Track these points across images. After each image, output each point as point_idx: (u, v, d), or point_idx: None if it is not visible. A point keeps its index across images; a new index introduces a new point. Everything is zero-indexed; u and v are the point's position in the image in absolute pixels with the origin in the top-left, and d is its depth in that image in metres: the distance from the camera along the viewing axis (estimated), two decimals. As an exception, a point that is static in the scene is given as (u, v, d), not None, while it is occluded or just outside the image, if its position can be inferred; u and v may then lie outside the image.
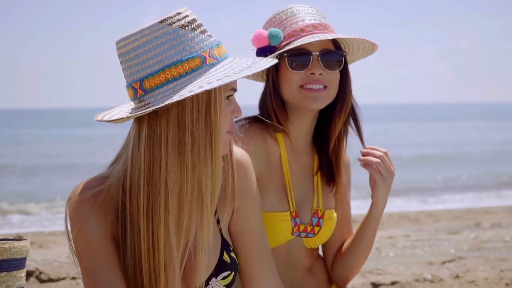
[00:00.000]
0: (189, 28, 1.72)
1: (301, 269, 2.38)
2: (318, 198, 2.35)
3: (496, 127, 44.38)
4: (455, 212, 10.01)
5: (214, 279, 1.87)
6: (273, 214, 2.26)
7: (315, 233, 2.33)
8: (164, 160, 1.70)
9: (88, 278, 1.77)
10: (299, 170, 2.35)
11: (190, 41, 1.71)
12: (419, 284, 4.52)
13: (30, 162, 20.47)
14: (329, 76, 2.24)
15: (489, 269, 5.07)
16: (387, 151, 2.29)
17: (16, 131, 41.15)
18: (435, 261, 5.55)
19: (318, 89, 2.23)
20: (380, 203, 2.29)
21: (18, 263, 2.28)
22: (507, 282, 4.54)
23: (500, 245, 6.33)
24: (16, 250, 2.25)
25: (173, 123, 1.69)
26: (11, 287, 2.24)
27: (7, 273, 2.23)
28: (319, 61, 2.22)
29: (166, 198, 1.71)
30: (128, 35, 1.74)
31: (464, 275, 4.77)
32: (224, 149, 1.80)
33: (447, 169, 18.28)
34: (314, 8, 2.33)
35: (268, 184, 2.27)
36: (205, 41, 1.73)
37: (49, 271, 4.78)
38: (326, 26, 2.29)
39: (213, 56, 1.73)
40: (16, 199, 13.05)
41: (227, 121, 1.76)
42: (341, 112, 2.29)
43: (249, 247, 1.96)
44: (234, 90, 1.77)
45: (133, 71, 1.73)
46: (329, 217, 2.36)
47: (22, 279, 2.28)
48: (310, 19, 2.27)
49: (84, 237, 1.76)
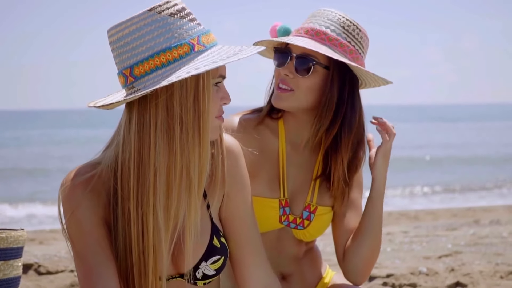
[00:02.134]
0: (178, 16, 1.76)
1: (290, 256, 2.41)
2: (313, 194, 2.37)
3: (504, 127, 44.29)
4: (454, 210, 10.04)
5: (204, 263, 1.90)
6: (261, 199, 2.30)
7: (304, 226, 2.35)
8: (153, 145, 1.74)
9: (79, 262, 1.81)
10: (299, 163, 2.38)
11: (179, 28, 1.76)
12: (414, 277, 4.55)
13: (32, 163, 20.53)
14: (297, 80, 2.25)
15: (484, 263, 5.09)
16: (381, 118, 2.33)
17: (17, 132, 41.19)
18: (432, 255, 5.57)
19: (284, 89, 2.26)
20: (380, 174, 2.28)
21: (15, 252, 2.32)
22: (501, 275, 4.56)
23: (498, 240, 6.35)
24: (13, 239, 2.29)
25: (162, 109, 1.74)
26: (7, 275, 2.28)
27: (4, 261, 2.27)
28: (293, 63, 2.25)
29: (154, 182, 1.75)
30: (118, 23, 1.78)
31: (459, 268, 4.79)
32: (214, 135, 1.85)
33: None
34: (341, 16, 2.30)
35: (261, 170, 2.32)
36: (194, 29, 1.78)
37: (48, 264, 4.83)
38: (328, 36, 2.25)
39: (201, 43, 1.77)
40: (19, 199, 13.13)
41: (216, 107, 1.80)
42: (316, 116, 2.28)
43: (239, 233, 1.99)
44: (223, 77, 1.81)
45: (124, 58, 1.78)
46: (322, 214, 2.38)
47: (18, 268, 2.32)
48: (316, 23, 2.28)
49: (76, 222, 1.80)
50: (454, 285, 4.29)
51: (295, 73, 2.25)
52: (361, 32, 2.30)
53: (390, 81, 2.33)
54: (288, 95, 2.25)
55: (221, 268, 1.95)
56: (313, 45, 2.21)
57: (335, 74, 2.25)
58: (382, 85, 2.36)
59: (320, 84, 2.26)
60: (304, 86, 2.25)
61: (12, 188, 15.32)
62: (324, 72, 2.25)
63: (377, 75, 2.26)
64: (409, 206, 11.51)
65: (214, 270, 1.92)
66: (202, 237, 1.90)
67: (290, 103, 2.26)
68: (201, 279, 1.92)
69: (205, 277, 1.93)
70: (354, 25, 2.28)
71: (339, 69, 2.25)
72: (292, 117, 2.34)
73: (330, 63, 2.25)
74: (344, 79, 2.26)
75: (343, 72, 2.26)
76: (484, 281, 4.40)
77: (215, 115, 1.81)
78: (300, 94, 2.25)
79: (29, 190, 14.78)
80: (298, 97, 2.26)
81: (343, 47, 2.25)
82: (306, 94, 2.26)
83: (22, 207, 12.30)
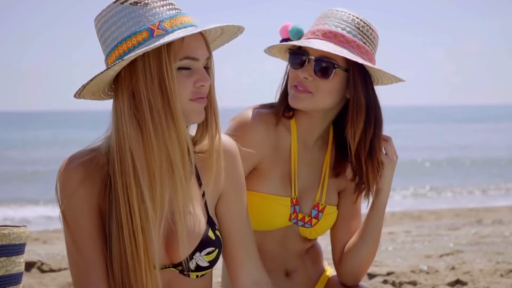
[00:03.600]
0: (141, 4, 1.83)
1: (294, 252, 2.45)
2: (322, 192, 2.40)
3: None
4: (457, 211, 10.05)
5: (198, 253, 1.94)
6: (274, 197, 2.33)
7: (311, 225, 2.39)
8: (124, 129, 1.81)
9: (70, 247, 1.90)
10: (309, 162, 2.40)
11: (140, 16, 1.82)
12: (414, 275, 4.56)
13: (35, 164, 20.57)
14: (317, 83, 2.26)
15: (485, 261, 5.10)
16: (390, 137, 2.34)
17: (20, 133, 41.23)
18: (433, 254, 5.59)
19: (302, 90, 2.27)
20: (385, 187, 2.33)
21: (17, 248, 2.35)
22: (501, 273, 4.57)
23: (499, 240, 6.35)
24: (15, 236, 2.31)
25: (128, 94, 1.81)
26: (10, 271, 2.30)
27: (6, 258, 2.29)
28: (312, 66, 2.26)
29: (133, 165, 1.82)
30: (94, 18, 1.89)
31: (460, 266, 4.81)
32: (193, 118, 1.88)
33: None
34: (355, 17, 2.31)
35: (273, 168, 2.34)
36: (157, 15, 1.83)
37: (50, 262, 4.87)
38: (346, 39, 2.26)
39: (162, 27, 1.81)
40: (22, 199, 13.17)
41: (187, 90, 1.84)
42: (350, 122, 2.29)
43: (234, 231, 2.06)
44: (191, 58, 1.84)
45: (103, 50, 1.89)
46: (329, 213, 2.41)
47: (21, 264, 2.35)
48: (332, 25, 2.29)
49: (71, 209, 1.88)
50: (454, 282, 4.30)
51: (315, 76, 2.26)
52: (373, 32, 2.32)
53: (403, 79, 2.35)
54: (306, 95, 2.27)
55: (214, 261, 1.99)
56: (335, 49, 2.23)
57: (355, 76, 2.27)
58: (395, 83, 2.39)
59: (339, 87, 2.28)
60: (324, 89, 2.26)
61: (16, 189, 15.37)
62: (343, 74, 2.27)
63: (391, 74, 2.29)
64: (413, 206, 11.52)
65: (208, 261, 1.96)
66: (198, 228, 1.95)
67: (309, 105, 2.28)
68: (195, 270, 1.95)
69: (199, 269, 1.96)
70: (367, 25, 2.30)
71: (358, 70, 2.27)
72: (306, 116, 2.35)
73: (349, 65, 2.27)
74: (364, 79, 2.28)
75: (362, 73, 2.28)
76: (484, 279, 4.41)
77: (189, 98, 1.85)
78: (319, 97, 2.27)
79: (33, 191, 14.82)
80: (317, 99, 2.27)
81: (360, 48, 2.27)
82: (326, 97, 2.28)
83: (26, 208, 12.35)
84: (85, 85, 1.83)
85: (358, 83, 2.26)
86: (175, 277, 1.96)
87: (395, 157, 2.32)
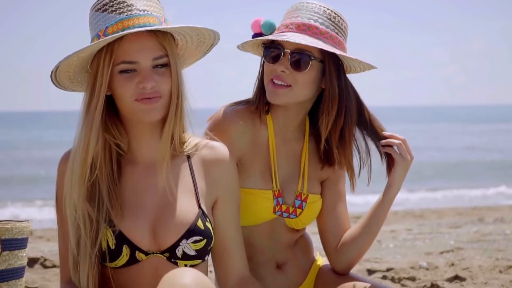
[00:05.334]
0: (100, 11, 1.95)
1: (283, 244, 2.48)
2: (303, 182, 2.44)
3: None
4: (460, 209, 10.04)
5: (184, 240, 2.00)
6: (256, 191, 2.37)
7: (296, 215, 2.43)
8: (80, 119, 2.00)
9: (59, 230, 2.10)
10: (288, 153, 2.45)
11: (96, 23, 1.96)
12: (413, 271, 4.58)
13: (37, 165, 20.61)
14: (294, 76, 2.30)
15: (485, 258, 5.11)
16: (405, 138, 2.37)
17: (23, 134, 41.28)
18: (433, 251, 5.60)
19: (280, 85, 2.30)
20: (396, 185, 2.36)
21: (19, 243, 2.39)
22: (500, 270, 4.58)
23: (500, 237, 6.35)
24: (17, 230, 2.35)
25: (86, 90, 2.01)
26: (12, 265, 2.34)
27: (9, 252, 2.33)
28: (288, 59, 2.29)
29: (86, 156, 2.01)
30: None
31: (459, 263, 4.83)
32: (142, 117, 1.99)
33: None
34: (326, 8, 2.35)
35: (253, 163, 2.38)
36: (106, 21, 1.94)
37: (53, 258, 4.91)
38: (320, 30, 2.31)
39: (106, 34, 1.92)
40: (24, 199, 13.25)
41: (130, 91, 1.95)
42: (324, 112, 2.35)
43: (225, 233, 2.15)
44: (127, 62, 1.94)
45: None
46: (312, 202, 2.45)
47: (23, 258, 2.39)
48: (305, 17, 2.32)
49: (61, 195, 2.05)
50: (453, 278, 4.32)
51: (292, 69, 2.30)
52: (344, 22, 2.36)
53: (375, 66, 2.39)
54: (285, 91, 2.31)
55: (202, 251, 2.04)
56: (311, 41, 2.27)
57: (330, 66, 2.32)
58: (367, 70, 2.42)
59: (315, 78, 2.33)
60: (302, 81, 2.30)
61: (19, 190, 15.42)
62: (318, 65, 2.32)
63: (365, 62, 2.34)
64: (415, 205, 11.52)
65: (195, 250, 2.01)
66: (186, 216, 2.02)
67: (288, 99, 2.32)
68: (182, 258, 2.00)
69: (186, 257, 2.01)
70: (338, 16, 2.35)
71: (332, 61, 2.32)
72: (282, 109, 2.39)
73: (325, 56, 2.31)
74: (337, 69, 2.33)
75: (336, 63, 2.33)
76: (483, 275, 4.43)
77: (134, 99, 1.96)
78: (297, 89, 2.31)
79: (36, 191, 14.88)
80: (295, 92, 2.31)
81: (333, 39, 2.31)
82: (303, 89, 2.32)
83: (32, 208, 12.41)
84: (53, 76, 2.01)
85: (333, 73, 2.32)
86: (162, 264, 2.01)
87: (409, 157, 2.35)
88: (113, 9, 1.93)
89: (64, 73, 2.00)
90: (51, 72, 1.97)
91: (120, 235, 1.98)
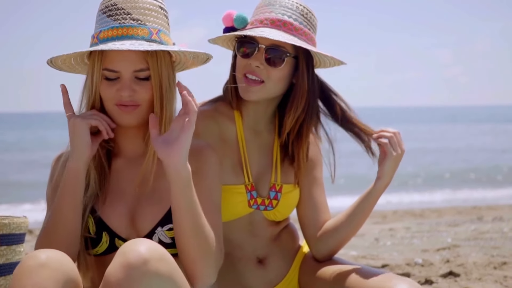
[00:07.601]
0: (101, 12, 2.03)
1: (265, 238, 2.48)
2: (277, 173, 2.46)
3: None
4: (459, 208, 10.03)
5: (160, 228, 2.04)
6: (228, 186, 2.37)
7: (273, 206, 2.44)
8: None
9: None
10: (258, 147, 2.47)
11: (96, 23, 2.05)
12: (408, 267, 4.61)
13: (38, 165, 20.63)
14: (268, 71, 2.32)
15: (481, 255, 5.14)
16: (398, 131, 2.39)
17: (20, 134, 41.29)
18: (430, 248, 5.63)
19: (254, 80, 2.32)
20: (385, 177, 2.37)
21: (17, 238, 2.43)
22: (495, 266, 4.61)
23: (498, 235, 6.36)
24: (15, 225, 2.39)
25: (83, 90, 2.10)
26: (10, 260, 2.38)
27: (7, 247, 2.37)
28: (263, 54, 2.32)
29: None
30: None
31: (454, 259, 4.86)
32: (119, 121, 2.05)
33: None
34: (298, 4, 2.37)
35: (223, 159, 2.38)
36: (102, 24, 2.03)
37: (53, 255, 4.96)
38: (294, 26, 2.34)
39: (98, 37, 2.01)
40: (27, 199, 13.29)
41: (110, 95, 2.02)
42: (292, 107, 2.38)
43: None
44: (109, 70, 2.01)
45: None
46: (288, 192, 2.46)
47: (21, 253, 2.42)
48: (279, 13, 2.34)
49: (54, 188, 2.13)
50: (447, 274, 4.35)
51: (266, 65, 2.32)
52: (315, 17, 2.40)
53: (345, 62, 2.43)
54: (259, 87, 2.33)
55: None
56: (288, 37, 2.29)
57: (303, 62, 2.36)
58: (337, 65, 2.46)
59: (288, 73, 2.36)
60: (275, 77, 2.33)
61: (21, 191, 15.45)
62: (292, 61, 2.35)
63: (336, 58, 2.38)
64: (415, 204, 11.52)
65: (170, 238, 2.04)
66: (161, 203, 2.06)
67: (261, 95, 2.35)
68: None
69: (162, 245, 2.03)
70: (310, 12, 2.39)
71: (305, 57, 2.36)
72: (252, 104, 2.42)
73: (299, 52, 2.35)
74: (308, 65, 2.37)
75: (307, 59, 2.37)
76: (477, 271, 4.46)
77: (114, 103, 2.03)
78: (270, 85, 2.34)
79: (36, 192, 14.92)
80: (268, 88, 2.34)
81: (306, 35, 2.35)
82: (276, 84, 2.35)
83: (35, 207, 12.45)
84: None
85: (304, 69, 2.36)
86: None
87: (399, 150, 2.36)
88: (111, 14, 2.00)
89: (62, 62, 2.08)
90: (47, 61, 2.06)
91: (100, 222, 2.04)
